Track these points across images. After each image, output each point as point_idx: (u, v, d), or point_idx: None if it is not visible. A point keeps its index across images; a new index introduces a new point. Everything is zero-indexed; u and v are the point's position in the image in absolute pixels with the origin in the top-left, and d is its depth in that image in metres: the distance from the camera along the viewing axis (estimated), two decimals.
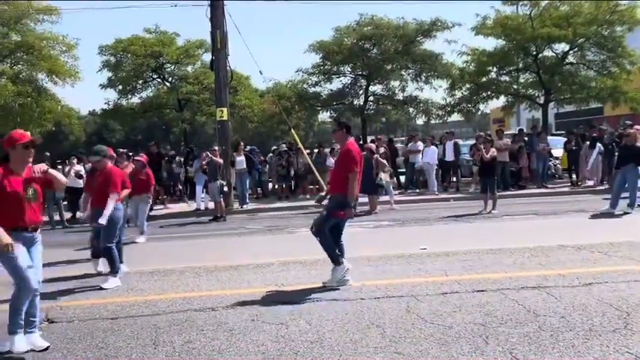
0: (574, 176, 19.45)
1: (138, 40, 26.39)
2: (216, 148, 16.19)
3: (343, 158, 6.67)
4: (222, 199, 15.67)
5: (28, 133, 5.02)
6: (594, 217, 11.76)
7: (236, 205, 17.74)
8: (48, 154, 19.83)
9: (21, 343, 4.65)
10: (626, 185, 12.00)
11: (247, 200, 18.35)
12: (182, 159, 22.00)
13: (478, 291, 5.88)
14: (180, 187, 21.54)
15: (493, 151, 13.81)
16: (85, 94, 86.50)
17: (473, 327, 4.73)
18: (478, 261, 7.44)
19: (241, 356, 4.40)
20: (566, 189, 18.70)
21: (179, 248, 11.17)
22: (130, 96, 28.04)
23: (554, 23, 21.91)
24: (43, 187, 5.02)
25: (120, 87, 27.48)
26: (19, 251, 4.62)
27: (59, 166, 18.77)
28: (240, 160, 18.35)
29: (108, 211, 7.26)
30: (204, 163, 16.30)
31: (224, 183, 15.72)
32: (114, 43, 26.63)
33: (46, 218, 11.66)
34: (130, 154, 14.57)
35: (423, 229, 11.61)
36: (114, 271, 7.41)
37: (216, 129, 18.07)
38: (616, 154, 15.01)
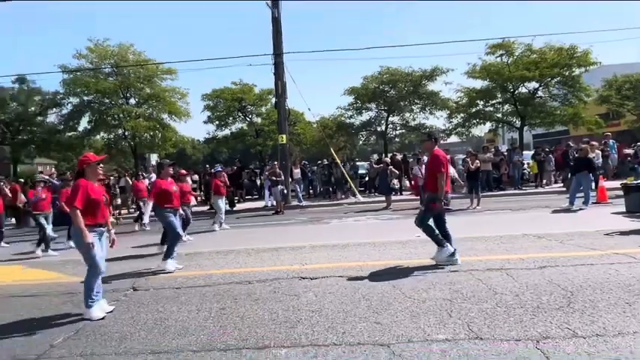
0: (543, 180, 18.12)
1: (228, 89, 26.88)
2: (276, 163, 16.24)
3: (432, 162, 6.06)
4: (281, 199, 15.52)
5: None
6: (555, 212, 10.84)
7: (295, 202, 17.58)
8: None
9: (97, 311, 4.47)
10: (581, 187, 11.08)
11: (302, 199, 18.16)
12: (258, 170, 22.39)
13: (452, 271, 5.32)
14: (256, 190, 21.79)
15: (477, 163, 13.18)
16: (194, 126, 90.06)
17: (442, 302, 4.22)
18: (458, 246, 6.76)
19: (256, 321, 4.07)
20: (534, 190, 17.46)
21: (244, 234, 10.98)
22: (223, 128, 28.62)
23: (525, 67, 21.05)
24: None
25: (216, 122, 28.07)
26: (95, 243, 4.48)
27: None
28: (297, 171, 18.38)
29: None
30: (267, 173, 16.43)
31: (283, 187, 15.61)
32: (212, 92, 27.25)
33: None
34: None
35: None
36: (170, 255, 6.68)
37: (279, 150, 18.06)
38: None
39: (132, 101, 26.15)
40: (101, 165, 4.93)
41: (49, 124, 27.36)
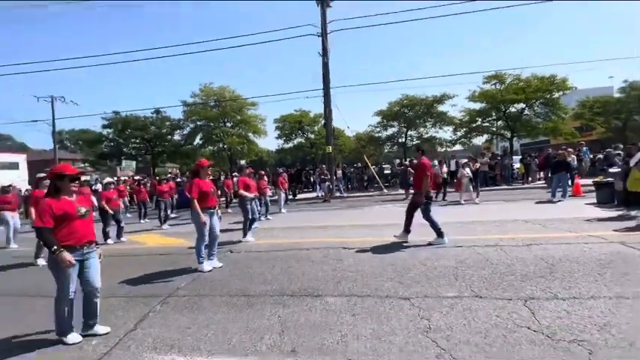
0: (529, 178, 16.78)
1: (290, 115, 27.16)
2: (324, 166, 16.22)
3: (420, 168, 5.89)
4: (328, 191, 15.50)
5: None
6: (538, 202, 9.96)
7: (338, 194, 17.46)
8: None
9: (206, 266, 4.68)
10: (560, 184, 10.16)
11: (343, 192, 18.00)
12: (312, 171, 22.48)
13: (457, 246, 5.04)
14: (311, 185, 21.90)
15: (477, 165, 12.40)
16: (269, 141, 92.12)
17: (449, 269, 4.03)
18: (461, 228, 6.48)
19: (312, 276, 4.09)
20: (522, 186, 16.22)
21: (302, 216, 10.95)
22: (288, 142, 29.03)
23: (514, 92, 19.52)
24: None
25: (284, 138, 28.53)
26: (206, 220, 4.66)
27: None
28: (339, 172, 18.12)
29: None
30: (318, 173, 16.47)
31: (329, 183, 15.59)
32: (280, 117, 27.68)
33: None
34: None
35: (433, 209, 10.51)
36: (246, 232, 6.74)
37: (326, 157, 17.99)
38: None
39: (228, 124, 27.14)
40: (210, 168, 5.12)
41: (174, 141, 28.98)
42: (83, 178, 10.17)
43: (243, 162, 23.14)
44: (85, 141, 31.15)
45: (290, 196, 17.27)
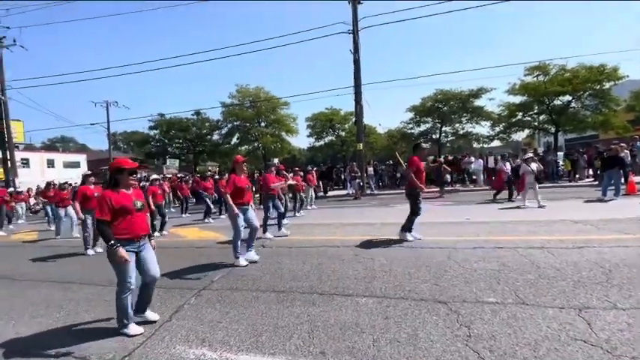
0: (576, 175, 15.29)
1: (322, 114, 27.07)
2: (354, 163, 15.93)
3: (408, 165, 5.68)
4: (359, 189, 15.22)
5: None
6: (587, 201, 9.02)
7: (368, 191, 17.11)
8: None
9: (241, 261, 4.67)
10: (612, 181, 9.14)
11: (374, 189, 17.61)
12: (342, 169, 22.19)
13: (498, 248, 4.60)
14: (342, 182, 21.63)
15: (517, 162, 11.47)
16: (301, 139, 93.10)
17: (490, 272, 3.68)
18: (502, 228, 5.99)
19: (343, 275, 3.91)
20: (568, 183, 14.85)
21: (333, 212, 10.73)
22: (319, 140, 28.96)
23: (559, 84, 17.81)
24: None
25: (315, 136, 28.51)
26: (240, 216, 4.66)
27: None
28: (370, 169, 17.53)
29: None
30: (348, 170, 16.20)
31: (359, 180, 15.29)
32: (312, 115, 27.71)
33: None
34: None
35: (469, 207, 9.83)
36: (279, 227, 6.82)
37: (357, 154, 17.67)
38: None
39: (262, 124, 27.66)
40: (245, 164, 5.09)
41: (214, 141, 30.10)
42: (155, 176, 10.69)
43: (276, 160, 23.41)
44: (135, 142, 33.18)
45: (320, 194, 17.24)
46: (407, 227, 5.47)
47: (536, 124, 21.14)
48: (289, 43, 43.62)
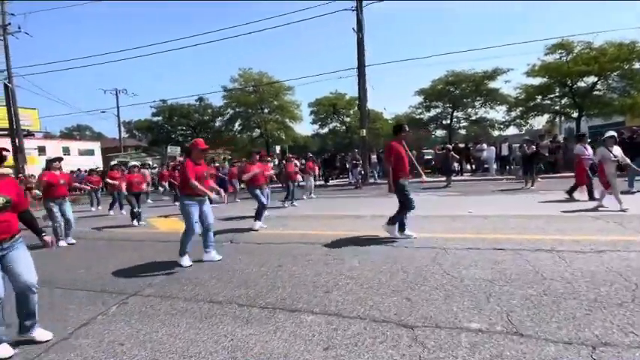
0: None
1: (325, 98, 26.12)
2: (356, 150, 15.10)
3: (385, 152, 4.92)
4: (359, 177, 14.45)
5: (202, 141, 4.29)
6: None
7: (371, 180, 16.32)
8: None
9: (186, 261, 4.07)
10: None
11: (377, 178, 16.74)
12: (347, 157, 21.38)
13: (498, 249, 3.83)
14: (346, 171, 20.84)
15: (532, 148, 10.47)
16: (305, 125, 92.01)
17: (481, 283, 2.93)
18: (507, 223, 5.18)
19: (300, 281, 3.25)
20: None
21: (328, 204, 9.97)
22: (324, 127, 28.12)
23: (584, 63, 16.22)
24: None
25: (319, 123, 27.67)
26: (194, 209, 4.04)
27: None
28: (374, 157, 16.69)
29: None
30: (349, 158, 15.39)
31: (361, 169, 14.51)
32: (315, 101, 26.79)
33: None
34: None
35: (476, 198, 8.97)
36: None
37: (360, 141, 16.82)
38: None
39: (266, 110, 26.96)
40: (205, 151, 4.30)
41: (216, 127, 29.64)
42: (133, 163, 10.20)
43: (278, 147, 22.80)
44: (139, 129, 33.06)
45: (322, 182, 16.54)
46: (394, 221, 4.73)
47: (557, 108, 19.51)
48: (290, 22, 41.49)
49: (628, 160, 6.44)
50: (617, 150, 6.15)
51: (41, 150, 33.45)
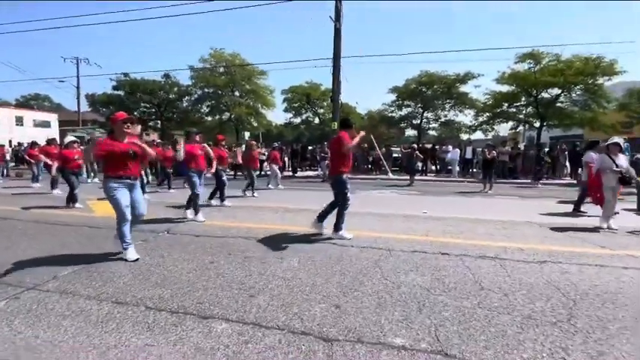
0: (555, 172, 14.81)
1: (299, 87, 25.64)
2: (325, 143, 14.87)
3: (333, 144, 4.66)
4: (327, 170, 14.25)
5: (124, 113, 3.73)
6: (562, 202, 8.33)
7: None
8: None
9: (131, 253, 3.57)
10: None
11: None
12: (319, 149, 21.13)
13: (443, 253, 3.73)
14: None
15: (493, 153, 10.74)
16: (277, 113, 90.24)
17: (417, 290, 2.77)
18: (458, 227, 5.14)
19: (226, 282, 2.91)
20: (545, 181, 14.27)
21: (291, 195, 9.62)
22: (297, 117, 27.61)
23: (550, 74, 16.93)
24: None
25: (292, 112, 27.11)
26: (121, 194, 3.54)
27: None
28: None
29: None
30: (318, 150, 15.21)
31: (329, 162, 14.27)
32: (289, 88, 26.19)
33: None
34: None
35: (434, 199, 9.06)
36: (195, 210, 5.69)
37: (332, 133, 16.58)
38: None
39: (237, 94, 25.95)
40: (127, 124, 3.65)
41: (183, 107, 28.19)
42: (71, 138, 9.10)
43: (246, 134, 22.06)
44: (97, 102, 30.69)
45: (289, 173, 16.20)
46: (323, 218, 4.53)
47: (521, 116, 20.39)
48: (268, 3, 40.06)
49: (633, 172, 5.31)
50: (622, 159, 5.21)
51: None
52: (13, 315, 2.41)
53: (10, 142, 27.30)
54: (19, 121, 35.74)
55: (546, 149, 17.10)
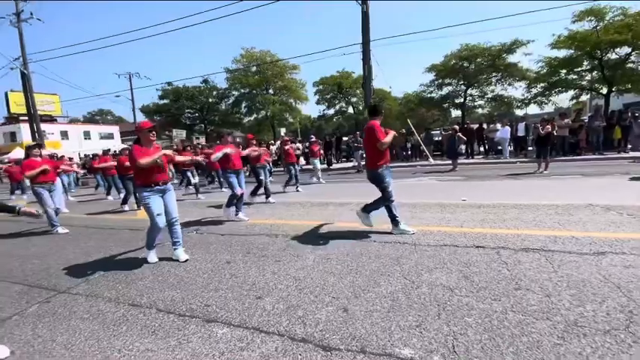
0: (628, 145, 12.76)
1: (332, 77, 25.22)
2: (358, 132, 14.45)
3: (366, 134, 4.32)
4: (361, 161, 13.87)
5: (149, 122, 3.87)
6: (634, 179, 7.14)
7: None
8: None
9: (152, 256, 3.73)
10: None
11: None
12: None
13: (477, 247, 3.31)
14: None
15: (548, 128, 9.53)
16: (310, 106, 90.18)
17: (439, 291, 2.47)
18: (501, 215, 4.58)
19: (237, 283, 2.83)
20: (617, 155, 12.42)
21: (322, 188, 9.41)
22: (330, 108, 27.29)
23: (616, 31, 14.52)
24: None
25: (325, 103, 26.85)
26: (153, 201, 3.62)
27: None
28: None
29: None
30: (351, 140, 14.78)
31: (362, 152, 13.88)
32: (320, 80, 25.92)
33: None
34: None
35: (478, 184, 8.28)
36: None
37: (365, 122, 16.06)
38: None
39: (270, 91, 26.35)
40: (152, 132, 3.75)
41: (223, 110, 29.35)
42: (124, 146, 10.13)
43: (282, 130, 22.32)
44: (147, 113, 33.21)
45: (325, 166, 16.06)
46: (369, 210, 4.27)
47: (584, 83, 17.81)
48: None
49: None
50: None
51: (64, 135, 35.14)
52: (39, 318, 2.59)
53: (78, 154, 30.79)
54: (87, 135, 40.16)
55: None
